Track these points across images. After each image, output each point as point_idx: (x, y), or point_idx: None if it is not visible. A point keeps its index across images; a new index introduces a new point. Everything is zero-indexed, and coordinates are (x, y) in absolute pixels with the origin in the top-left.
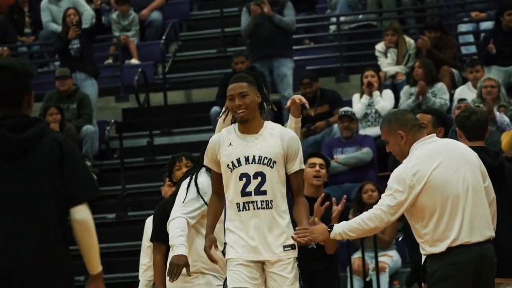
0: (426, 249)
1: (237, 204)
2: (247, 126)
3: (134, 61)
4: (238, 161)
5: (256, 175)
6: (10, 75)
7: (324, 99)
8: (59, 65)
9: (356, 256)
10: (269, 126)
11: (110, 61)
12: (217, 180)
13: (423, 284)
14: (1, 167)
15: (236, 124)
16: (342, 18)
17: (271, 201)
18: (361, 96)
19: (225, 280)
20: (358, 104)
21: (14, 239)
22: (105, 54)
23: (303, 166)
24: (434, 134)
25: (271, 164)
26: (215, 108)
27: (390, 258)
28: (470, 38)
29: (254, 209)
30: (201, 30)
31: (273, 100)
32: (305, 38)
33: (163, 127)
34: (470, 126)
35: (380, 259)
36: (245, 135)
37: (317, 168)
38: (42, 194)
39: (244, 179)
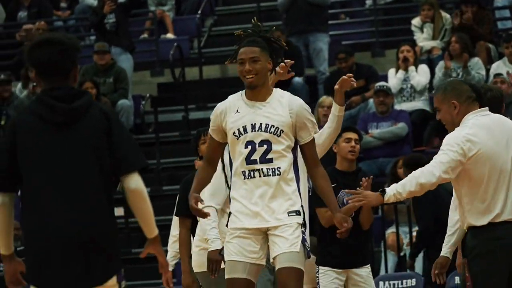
0: (468, 221)
1: (242, 172)
2: (255, 93)
3: (170, 35)
4: (244, 128)
5: (262, 143)
6: (57, 49)
7: (359, 74)
8: (94, 39)
9: (390, 231)
10: (278, 94)
11: (145, 35)
12: (213, 147)
13: (462, 259)
14: (52, 136)
15: (244, 90)
16: None
17: (279, 168)
18: (396, 71)
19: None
20: (394, 79)
21: (67, 206)
22: (140, 29)
23: (314, 135)
24: (487, 108)
25: (278, 133)
26: None
27: None
28: (507, 13)
29: (260, 176)
30: (236, 4)
31: (308, 75)
32: (341, 12)
33: (198, 102)
34: (485, 103)
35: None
36: (253, 102)
37: (353, 143)
38: (91, 163)
39: (249, 146)
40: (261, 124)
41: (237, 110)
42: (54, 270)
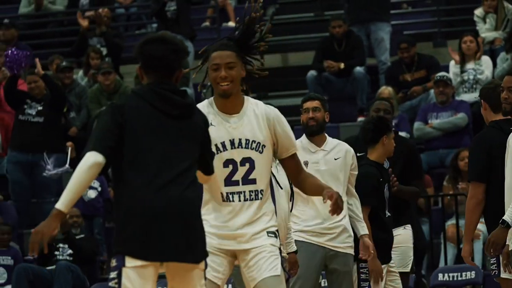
0: None
1: (221, 194)
2: (228, 103)
3: (231, 23)
4: (223, 145)
5: (244, 161)
6: (171, 47)
7: (421, 64)
8: (156, 27)
9: (450, 223)
10: (251, 103)
11: (207, 23)
12: None
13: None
14: (163, 124)
15: (212, 99)
16: None
17: (261, 190)
18: (458, 62)
19: None
20: (455, 69)
21: (174, 185)
22: (202, 17)
23: (296, 149)
24: None
25: (260, 149)
26: (312, 72)
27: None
28: None
29: (240, 200)
30: None
31: (369, 64)
32: (403, 2)
33: (259, 91)
34: (495, 98)
35: None
36: (225, 114)
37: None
38: (193, 153)
39: (230, 166)
40: (240, 139)
41: (211, 123)
42: (160, 242)
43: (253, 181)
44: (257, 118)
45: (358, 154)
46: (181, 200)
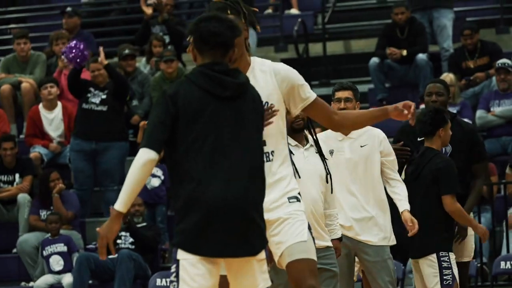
0: None
1: None
2: (235, 66)
3: (294, 11)
4: None
5: None
6: (226, 25)
7: (484, 51)
8: None
9: None
10: (258, 62)
11: (270, 10)
12: None
13: None
14: (219, 108)
15: None
16: None
17: (272, 152)
18: None
19: None
20: None
21: (235, 175)
22: (265, 4)
23: (315, 94)
24: None
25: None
26: (374, 59)
27: None
28: None
29: None
30: None
31: (432, 51)
32: None
33: (322, 78)
34: None
35: None
36: None
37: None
38: (255, 136)
39: None
40: None
41: None
42: (212, 237)
43: (263, 143)
44: (265, 75)
45: (418, 139)
46: (239, 192)
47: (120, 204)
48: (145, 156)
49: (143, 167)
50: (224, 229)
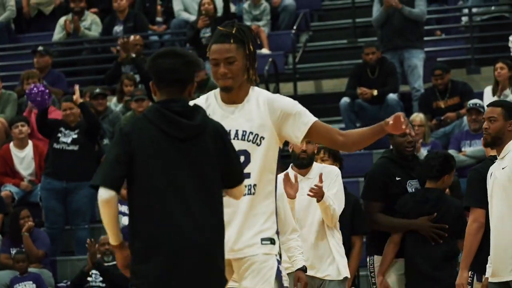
0: None
1: None
2: (231, 95)
3: (265, 50)
4: None
5: (239, 153)
6: (182, 60)
7: (455, 91)
8: None
9: None
10: (256, 92)
11: None
12: None
13: None
14: (174, 148)
15: (218, 90)
16: (474, 10)
17: (254, 185)
18: (493, 90)
19: None
20: (489, 96)
21: (191, 215)
22: None
23: (315, 118)
24: None
25: (258, 141)
26: (345, 99)
27: None
28: None
29: None
30: (332, 20)
31: (403, 91)
32: (436, 29)
33: None
34: None
35: None
36: (227, 104)
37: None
38: (210, 174)
39: None
40: (237, 131)
41: (209, 114)
42: (183, 278)
43: (247, 175)
44: (258, 106)
45: (397, 178)
46: (197, 235)
47: (111, 239)
48: (104, 196)
49: (107, 206)
50: (185, 273)
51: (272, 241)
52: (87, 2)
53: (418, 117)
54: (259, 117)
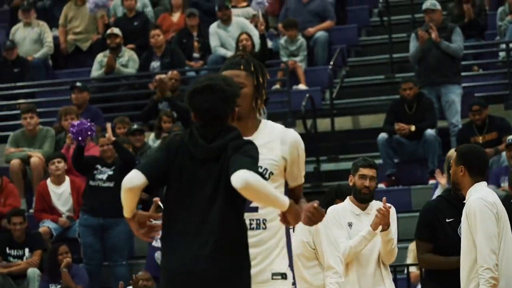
0: None
1: None
2: (240, 125)
3: (302, 86)
4: None
5: None
6: (219, 97)
7: (492, 126)
8: None
9: None
10: (268, 126)
11: (277, 86)
12: None
13: None
14: (194, 169)
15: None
16: (511, 45)
17: (264, 220)
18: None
19: None
20: None
21: (201, 239)
22: (273, 79)
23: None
24: None
25: (267, 175)
26: (383, 135)
27: None
28: None
29: None
30: (369, 55)
31: (440, 127)
32: (474, 64)
33: (330, 153)
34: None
35: None
36: None
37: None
38: (223, 200)
39: None
40: None
41: None
42: None
43: (255, 209)
44: (270, 141)
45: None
46: (203, 265)
47: (125, 213)
48: (133, 173)
49: (130, 192)
50: None
51: (283, 276)
52: (124, 38)
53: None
54: (269, 151)
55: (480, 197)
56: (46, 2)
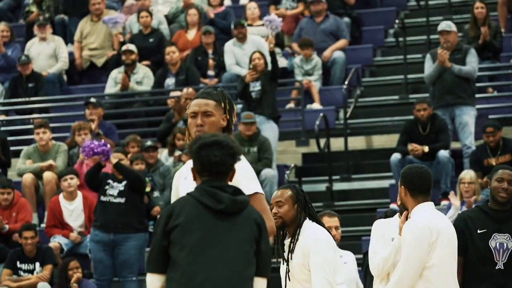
0: None
1: None
2: None
3: (316, 105)
4: None
5: None
6: (227, 152)
7: (506, 148)
8: (241, 108)
9: None
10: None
11: (291, 105)
12: None
13: None
14: (212, 222)
15: None
16: None
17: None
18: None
19: None
20: None
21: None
22: (287, 98)
23: (259, 189)
24: None
25: None
26: (396, 155)
27: None
28: None
29: None
30: (384, 76)
31: (454, 148)
32: (488, 86)
33: (342, 173)
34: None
35: None
36: None
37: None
38: (243, 253)
39: None
40: None
41: (186, 177)
42: None
43: None
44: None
45: (479, 231)
46: None
47: None
48: (149, 278)
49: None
50: None
51: None
52: (139, 54)
53: (468, 174)
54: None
55: (413, 220)
56: (62, 18)
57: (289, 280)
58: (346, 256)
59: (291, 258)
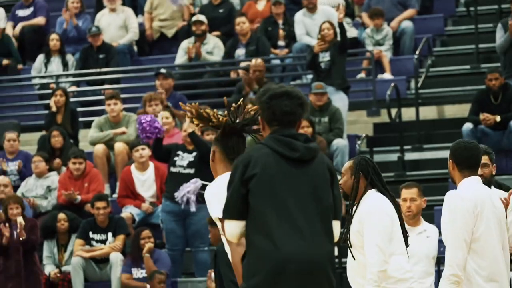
0: None
1: None
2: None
3: (387, 75)
4: None
5: None
6: (297, 102)
7: None
8: (311, 78)
9: None
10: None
11: (362, 75)
12: None
13: None
14: (288, 169)
15: None
16: None
17: None
18: None
19: None
20: None
21: (304, 235)
22: (358, 68)
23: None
24: None
25: None
26: (467, 125)
27: None
28: None
29: None
30: (455, 45)
31: None
32: None
33: (414, 143)
34: None
35: None
36: None
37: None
38: (325, 196)
39: None
40: None
41: None
42: None
43: None
44: None
45: None
46: (314, 248)
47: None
48: (227, 224)
49: (231, 234)
50: (298, 283)
51: None
52: (209, 25)
53: None
54: None
55: (457, 192)
56: None
57: (350, 246)
58: (430, 231)
59: (350, 225)
